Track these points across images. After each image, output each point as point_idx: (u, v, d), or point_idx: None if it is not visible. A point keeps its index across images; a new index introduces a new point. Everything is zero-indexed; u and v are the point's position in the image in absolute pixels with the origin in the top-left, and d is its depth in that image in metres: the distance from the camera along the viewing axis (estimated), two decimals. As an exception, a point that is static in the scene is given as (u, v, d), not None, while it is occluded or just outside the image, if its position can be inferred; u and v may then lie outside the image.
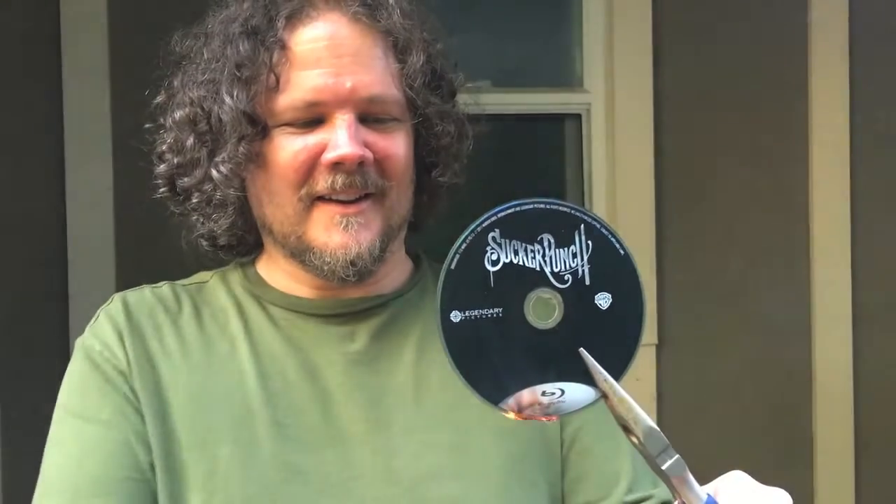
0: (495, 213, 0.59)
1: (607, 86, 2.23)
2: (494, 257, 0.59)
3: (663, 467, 0.60)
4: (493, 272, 0.59)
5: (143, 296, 0.86)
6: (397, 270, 0.89)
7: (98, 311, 0.86)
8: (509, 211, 0.59)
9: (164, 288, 0.88)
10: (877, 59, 2.28)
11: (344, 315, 0.85)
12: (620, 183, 2.22)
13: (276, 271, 0.87)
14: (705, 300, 2.24)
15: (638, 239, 2.19)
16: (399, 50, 0.83)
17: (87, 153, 1.99)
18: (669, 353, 2.17)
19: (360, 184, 0.79)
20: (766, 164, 2.26)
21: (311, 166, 0.79)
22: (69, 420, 0.81)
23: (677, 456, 0.60)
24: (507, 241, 0.59)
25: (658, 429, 0.60)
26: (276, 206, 0.81)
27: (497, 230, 0.59)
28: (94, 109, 1.98)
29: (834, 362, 2.25)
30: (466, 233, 0.59)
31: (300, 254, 0.82)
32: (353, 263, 0.80)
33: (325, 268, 0.80)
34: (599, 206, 2.24)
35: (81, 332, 0.87)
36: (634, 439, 0.61)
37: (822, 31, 2.24)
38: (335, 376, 0.82)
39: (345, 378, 0.82)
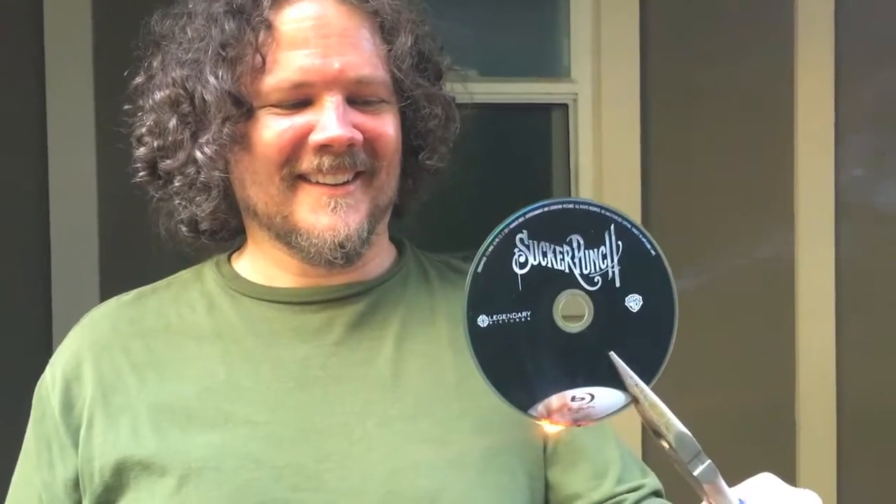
0: (523, 214, 0.57)
1: (594, 76, 2.22)
2: (522, 259, 0.57)
3: (695, 473, 0.59)
4: (521, 275, 0.57)
5: (108, 311, 0.85)
6: (381, 256, 0.87)
7: (70, 332, 0.85)
8: (537, 211, 0.57)
9: (131, 296, 0.87)
10: (862, 50, 2.28)
11: (323, 302, 0.83)
12: (607, 173, 2.21)
13: (257, 260, 0.85)
14: (691, 292, 2.23)
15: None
16: (386, 31, 0.82)
17: (70, 140, 1.95)
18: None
19: (349, 164, 0.78)
20: (753, 155, 2.26)
21: (296, 146, 0.78)
22: (21, 454, 0.84)
23: (709, 461, 0.59)
24: (536, 242, 0.57)
25: (690, 434, 0.59)
26: (259, 185, 0.79)
27: (525, 231, 0.57)
28: (77, 95, 1.93)
29: (817, 354, 2.26)
30: (493, 235, 0.57)
31: (286, 235, 0.80)
32: (341, 246, 0.78)
33: (312, 250, 0.78)
34: (586, 197, 2.23)
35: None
36: (665, 444, 0.59)
37: (808, 21, 2.24)
38: (311, 368, 0.79)
39: (321, 370, 0.79)
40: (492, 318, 0.56)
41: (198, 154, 0.79)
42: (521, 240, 0.57)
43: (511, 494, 0.78)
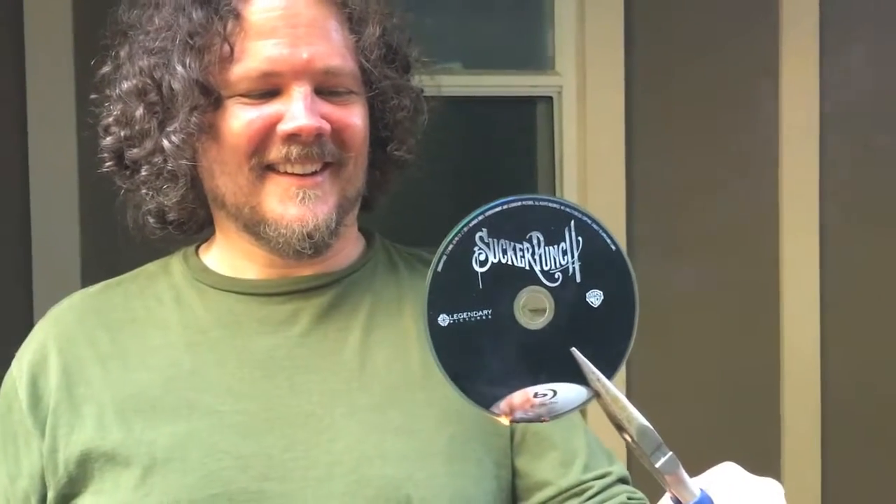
0: (482, 212, 0.58)
1: (578, 68, 2.21)
2: (482, 258, 0.57)
3: (657, 465, 0.59)
4: (482, 273, 0.57)
5: (73, 303, 0.86)
6: (349, 247, 0.88)
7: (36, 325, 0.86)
8: (497, 209, 0.58)
9: (97, 288, 0.87)
10: (846, 42, 2.28)
11: (290, 293, 0.83)
12: (591, 166, 2.21)
13: (224, 251, 0.86)
14: (676, 287, 2.24)
15: (609, 223, 2.16)
16: (354, 22, 0.82)
17: (50, 127, 1.94)
18: (637, 340, 2.17)
19: (316, 154, 0.79)
20: (737, 147, 2.26)
21: (265, 136, 0.78)
22: None
23: (671, 453, 0.60)
24: (496, 240, 0.57)
25: (651, 427, 0.60)
26: (227, 176, 0.80)
27: (484, 229, 0.57)
28: (58, 82, 1.92)
29: (802, 347, 2.26)
30: (453, 234, 0.57)
31: (254, 226, 0.80)
32: (309, 236, 0.79)
33: (281, 240, 0.79)
34: (570, 190, 2.23)
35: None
36: (628, 437, 0.60)
37: (793, 12, 2.24)
38: (277, 359, 0.80)
39: (287, 360, 0.80)
40: (452, 316, 0.57)
41: (164, 143, 0.80)
42: (481, 238, 0.57)
43: (477, 482, 0.79)
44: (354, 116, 0.81)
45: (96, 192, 1.83)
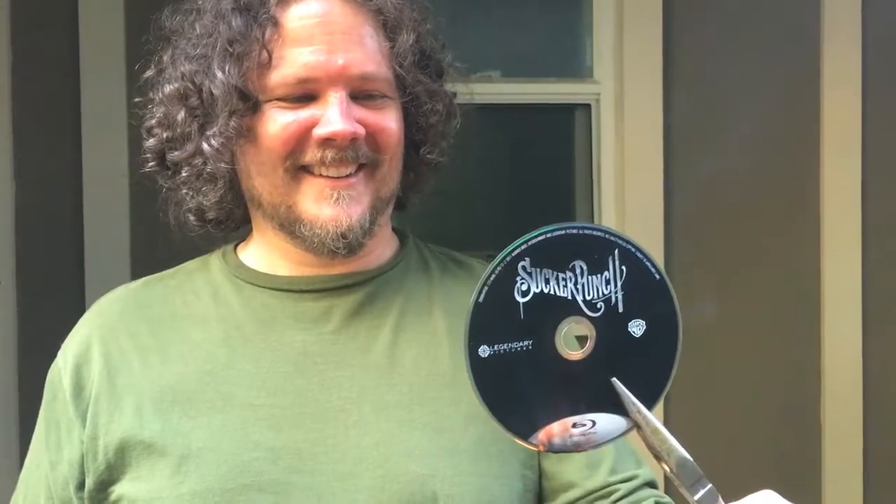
0: (525, 241, 0.57)
1: (617, 76, 2.21)
2: (524, 287, 0.57)
3: (696, 497, 0.59)
4: (524, 303, 0.57)
5: (116, 298, 0.88)
6: (382, 247, 0.89)
7: (81, 318, 0.88)
8: (540, 238, 0.57)
9: (138, 284, 0.90)
10: (889, 57, 2.24)
11: (323, 291, 0.85)
12: (629, 173, 2.20)
13: (261, 248, 0.88)
14: (714, 294, 2.22)
15: (646, 230, 2.17)
16: (389, 29, 0.84)
17: (103, 140, 2.00)
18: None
19: (351, 158, 0.80)
20: (777, 156, 2.24)
21: (300, 139, 0.80)
22: (33, 437, 0.87)
23: (710, 486, 0.59)
24: (538, 269, 0.57)
25: (691, 459, 0.59)
26: (264, 177, 0.82)
27: (527, 259, 0.57)
28: (110, 96, 1.97)
29: (843, 362, 2.22)
30: (495, 263, 0.57)
31: (290, 225, 0.82)
32: (343, 236, 0.80)
33: (316, 240, 0.81)
34: (608, 196, 2.22)
35: None
36: (667, 468, 0.59)
37: (835, 21, 2.21)
38: (310, 355, 0.81)
39: (319, 357, 0.81)
40: (493, 347, 0.56)
41: (205, 146, 0.82)
42: (524, 267, 0.57)
43: (503, 481, 0.79)
44: (388, 120, 0.83)
45: (146, 191, 1.87)
